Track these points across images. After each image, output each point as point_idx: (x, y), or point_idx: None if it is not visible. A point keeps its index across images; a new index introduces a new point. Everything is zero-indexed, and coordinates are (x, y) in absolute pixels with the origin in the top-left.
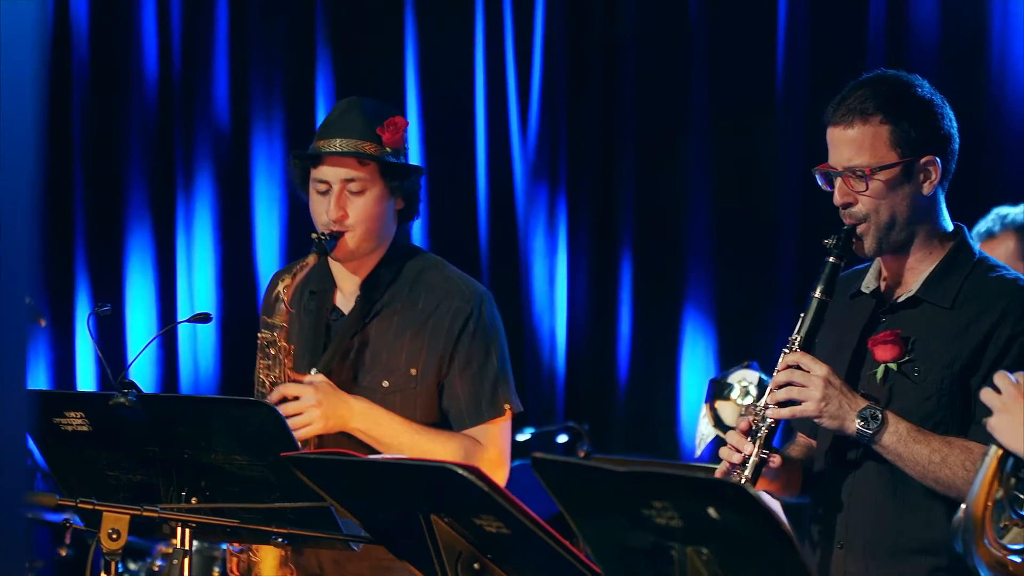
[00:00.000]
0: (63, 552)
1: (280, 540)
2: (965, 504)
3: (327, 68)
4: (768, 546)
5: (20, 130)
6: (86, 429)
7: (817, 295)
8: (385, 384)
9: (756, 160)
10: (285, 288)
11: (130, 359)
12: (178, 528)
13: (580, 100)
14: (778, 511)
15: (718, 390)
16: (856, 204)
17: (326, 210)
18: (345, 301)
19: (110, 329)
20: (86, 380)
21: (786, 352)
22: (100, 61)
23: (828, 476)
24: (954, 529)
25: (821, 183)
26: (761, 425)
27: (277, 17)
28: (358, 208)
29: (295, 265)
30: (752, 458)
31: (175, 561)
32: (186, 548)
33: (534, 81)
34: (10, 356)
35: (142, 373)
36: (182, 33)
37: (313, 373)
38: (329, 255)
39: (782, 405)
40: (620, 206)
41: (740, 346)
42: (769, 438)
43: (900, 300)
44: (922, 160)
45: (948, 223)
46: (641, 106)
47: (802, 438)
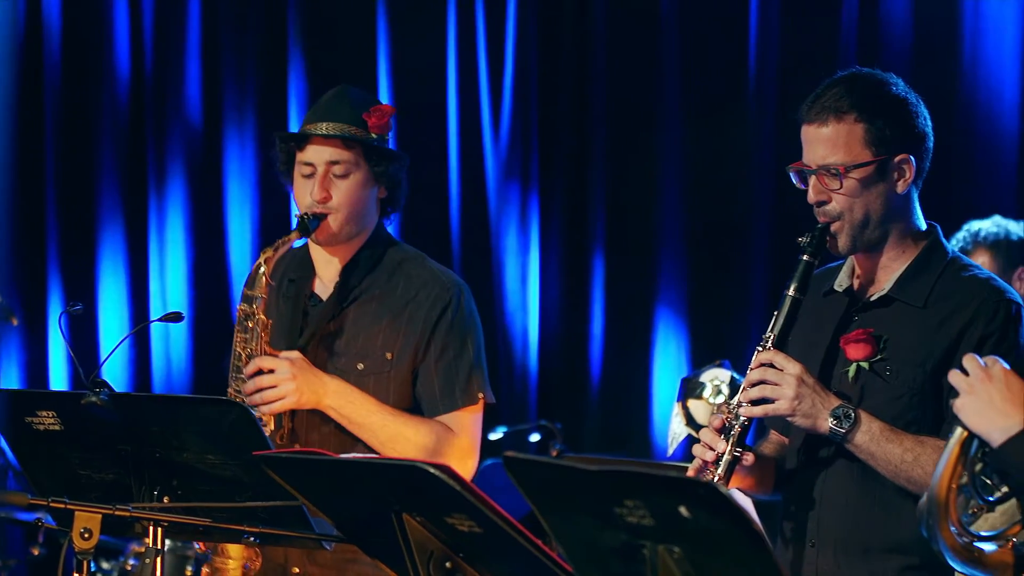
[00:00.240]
0: (35, 551)
1: (252, 539)
2: (929, 487)
3: (299, 68)
4: (739, 545)
5: None
6: (58, 428)
7: (791, 293)
8: (360, 367)
9: (728, 158)
10: (266, 260)
11: (102, 358)
12: (150, 527)
13: (552, 99)
14: (750, 509)
15: (690, 389)
16: (830, 202)
17: (310, 191)
18: (324, 288)
19: (82, 328)
20: (58, 379)
21: (760, 350)
22: (72, 60)
23: (800, 474)
24: (919, 513)
25: (795, 181)
26: (734, 423)
27: (249, 17)
28: (342, 191)
29: (278, 240)
30: (725, 456)
31: (147, 560)
32: (158, 547)
33: (506, 80)
34: None
35: (114, 372)
36: (154, 32)
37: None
38: (311, 235)
39: (755, 403)
40: (592, 204)
41: (712, 345)
42: (742, 436)
43: (873, 299)
44: (896, 159)
45: (922, 222)
46: (612, 105)
47: (775, 435)
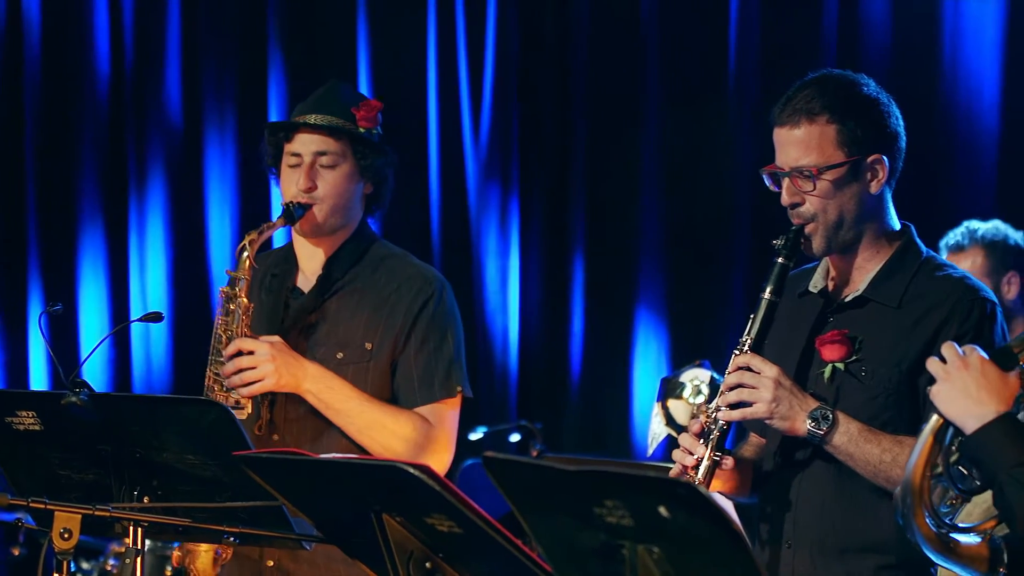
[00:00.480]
0: (15, 551)
1: (232, 539)
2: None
3: (279, 68)
4: (719, 545)
5: None
6: (38, 428)
7: (766, 296)
8: (339, 356)
9: (708, 159)
10: (250, 243)
11: (82, 358)
12: (130, 527)
13: (532, 100)
14: (730, 510)
15: (670, 389)
16: (804, 204)
17: (296, 181)
18: (306, 282)
19: (62, 328)
20: (38, 379)
21: (736, 353)
22: (52, 60)
23: (776, 475)
24: (895, 502)
25: (769, 184)
26: (713, 427)
27: (229, 17)
28: (328, 181)
29: (263, 224)
30: (705, 460)
31: (127, 560)
32: (138, 547)
33: (486, 81)
34: None
35: (94, 372)
36: (134, 32)
37: None
38: (296, 224)
39: (733, 407)
40: (572, 205)
41: (692, 345)
42: (721, 440)
43: (847, 299)
44: (869, 159)
45: (895, 222)
46: (593, 105)
47: (754, 438)
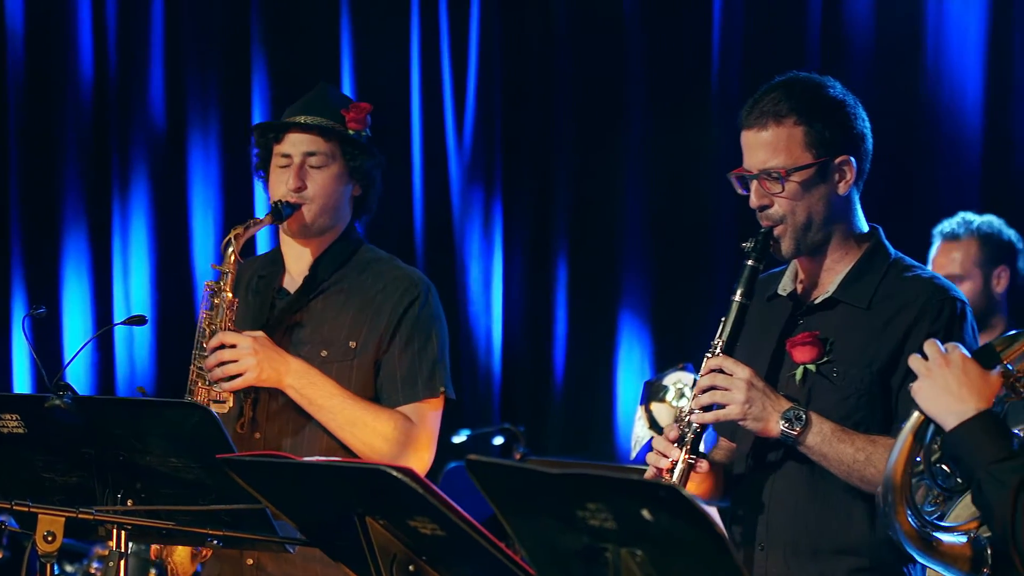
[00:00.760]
0: None
1: (215, 542)
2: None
3: (263, 72)
4: (701, 547)
5: None
6: (21, 431)
7: (737, 299)
8: (323, 354)
9: (692, 162)
10: (235, 237)
11: (66, 361)
12: (114, 530)
13: (515, 103)
14: (713, 513)
15: (653, 392)
16: (772, 206)
17: (285, 181)
18: (293, 283)
19: (46, 331)
20: (21, 382)
21: (708, 356)
22: (35, 63)
23: (748, 478)
24: (877, 499)
25: (737, 187)
26: (687, 431)
27: (213, 21)
28: (317, 181)
29: (249, 220)
30: (679, 464)
31: (111, 563)
32: (122, 550)
33: (469, 84)
34: None
35: (78, 375)
36: (117, 35)
37: None
38: (283, 222)
39: (706, 409)
40: (556, 208)
41: (675, 348)
42: (696, 443)
43: (817, 302)
44: (837, 160)
45: (864, 224)
46: (576, 109)
47: (724, 441)
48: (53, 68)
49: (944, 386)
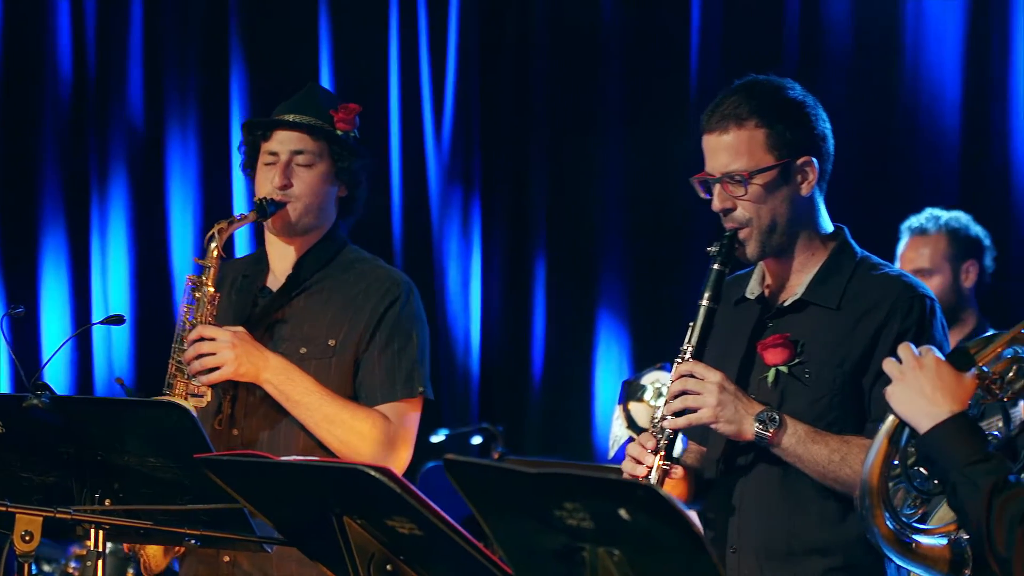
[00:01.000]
0: None
1: (193, 542)
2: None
3: (241, 71)
4: (679, 547)
5: None
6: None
7: (704, 303)
8: (303, 351)
9: (669, 162)
10: (219, 232)
11: (44, 361)
12: (91, 530)
13: (494, 103)
14: (692, 515)
15: (631, 392)
16: (736, 209)
17: (271, 179)
18: (276, 282)
19: (24, 331)
20: (0, 382)
21: (679, 362)
22: (14, 61)
23: (719, 481)
24: (855, 503)
25: (700, 192)
26: (660, 436)
27: (191, 19)
28: (303, 180)
29: (233, 216)
30: (655, 471)
31: (89, 563)
32: (99, 550)
33: (448, 84)
34: None
35: (56, 375)
36: (96, 34)
37: None
38: (267, 219)
39: (679, 414)
40: (534, 208)
41: (653, 347)
42: (670, 449)
43: (786, 304)
44: (799, 161)
45: (828, 224)
46: (554, 110)
47: (693, 446)
48: (32, 66)
49: (918, 389)
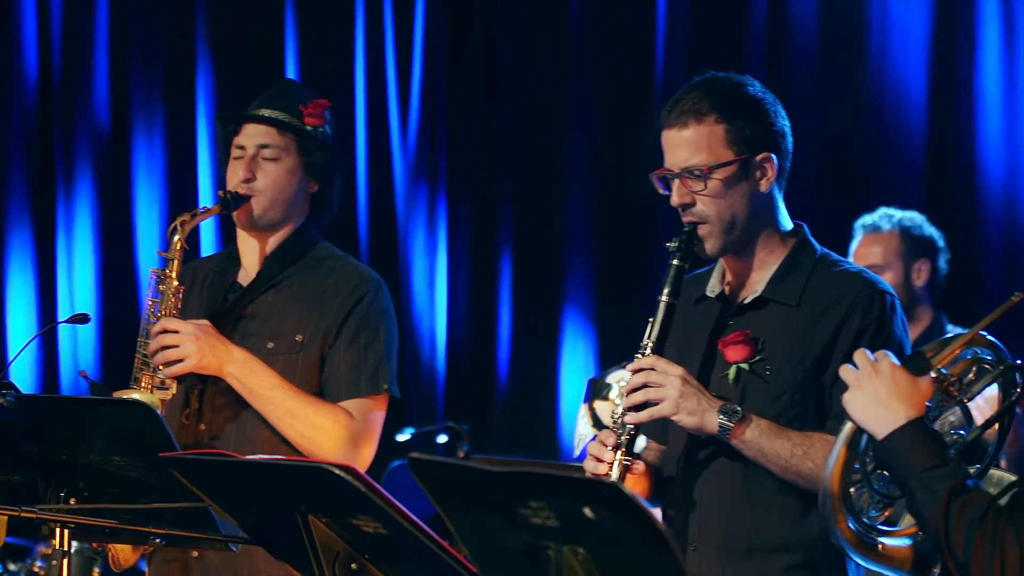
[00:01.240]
0: None
1: (159, 541)
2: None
3: (207, 69)
4: (643, 545)
5: None
6: None
7: (664, 298)
8: (269, 346)
9: (635, 160)
10: (182, 224)
11: (9, 359)
12: (57, 529)
13: (460, 101)
14: (656, 514)
15: (597, 390)
16: (695, 204)
17: (237, 172)
18: (247, 278)
19: None
20: None
21: (639, 357)
22: None
23: (679, 479)
24: (819, 506)
25: (659, 187)
26: (621, 432)
27: (157, 18)
28: (268, 173)
29: (196, 208)
30: (616, 466)
31: (54, 562)
32: (65, 549)
33: (414, 82)
34: None
35: (21, 374)
36: (62, 32)
37: None
38: (231, 212)
39: (639, 408)
40: (500, 206)
41: (619, 346)
42: (631, 445)
43: (746, 301)
44: (758, 157)
45: (788, 221)
46: (520, 107)
47: (653, 443)
48: None
49: (874, 396)
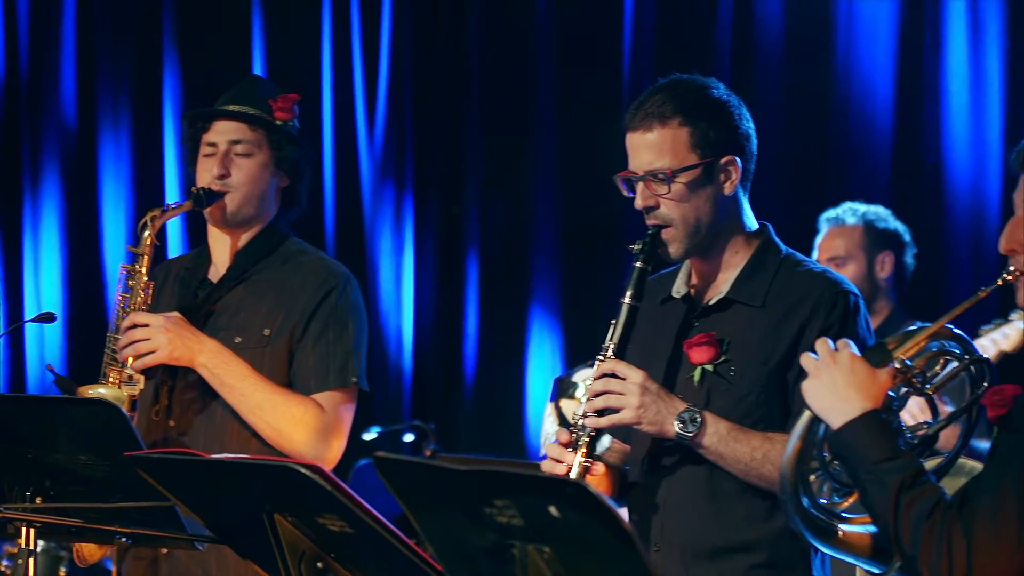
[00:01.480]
0: None
1: (124, 540)
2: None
3: (174, 68)
4: (608, 544)
5: None
6: None
7: (627, 301)
8: (237, 340)
9: (602, 161)
10: (152, 219)
11: None
12: (22, 528)
13: (427, 100)
14: (623, 513)
15: (563, 388)
16: (659, 207)
17: (210, 169)
18: (217, 274)
19: None
20: None
21: (600, 360)
22: None
23: (643, 480)
24: (778, 493)
25: (623, 190)
26: (581, 434)
27: (124, 18)
28: (241, 170)
29: (167, 204)
30: (575, 467)
31: (20, 561)
32: (31, 548)
33: (381, 81)
34: None
35: None
36: (29, 31)
37: None
38: (204, 209)
39: (601, 413)
40: (467, 205)
41: (585, 344)
42: (591, 446)
43: (711, 302)
44: (722, 160)
45: (752, 222)
46: (487, 107)
47: (617, 444)
48: None
49: (831, 385)
